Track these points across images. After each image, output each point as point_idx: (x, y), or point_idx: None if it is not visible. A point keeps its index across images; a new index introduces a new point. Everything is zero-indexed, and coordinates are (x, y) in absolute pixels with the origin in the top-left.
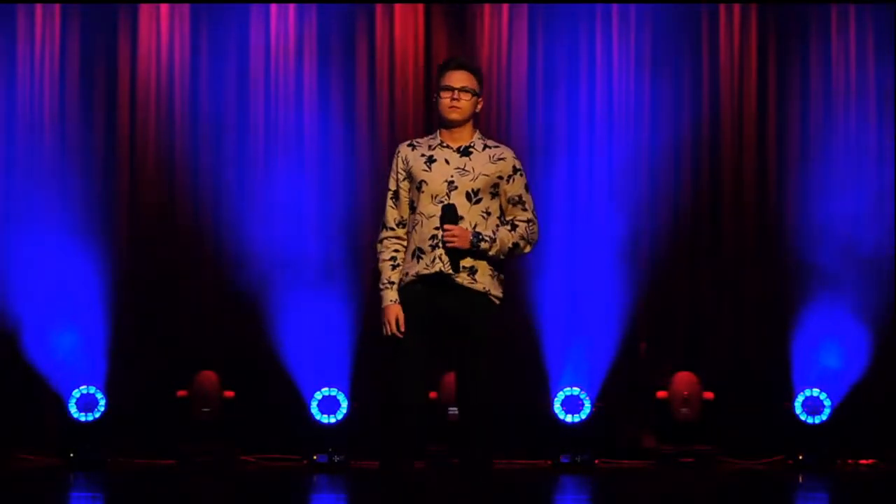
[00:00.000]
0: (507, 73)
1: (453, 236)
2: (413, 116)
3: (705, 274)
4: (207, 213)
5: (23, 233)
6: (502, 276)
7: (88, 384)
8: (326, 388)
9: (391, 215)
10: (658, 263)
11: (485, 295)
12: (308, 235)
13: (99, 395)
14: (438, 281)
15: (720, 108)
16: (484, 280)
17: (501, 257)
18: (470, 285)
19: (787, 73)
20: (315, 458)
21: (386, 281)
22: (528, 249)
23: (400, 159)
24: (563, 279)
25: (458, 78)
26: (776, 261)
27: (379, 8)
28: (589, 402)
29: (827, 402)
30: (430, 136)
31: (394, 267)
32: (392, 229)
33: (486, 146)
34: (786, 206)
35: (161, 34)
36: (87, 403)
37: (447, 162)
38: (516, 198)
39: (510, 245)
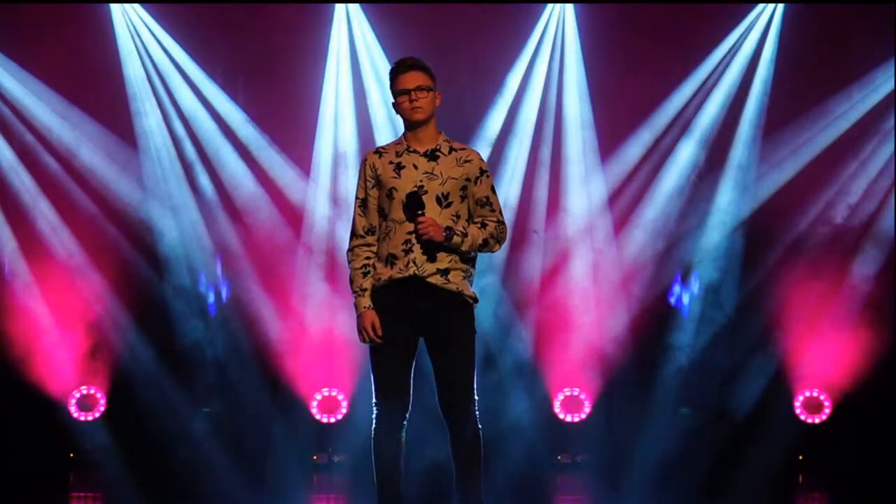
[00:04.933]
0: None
1: (427, 227)
2: None
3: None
4: (208, 213)
5: (24, 232)
6: (473, 277)
7: (88, 384)
8: (326, 389)
9: (360, 223)
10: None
11: (458, 295)
12: (309, 235)
13: (99, 395)
14: (412, 284)
15: (721, 107)
16: (456, 280)
17: (472, 254)
18: (443, 286)
19: (787, 73)
20: (315, 458)
21: (358, 289)
22: (496, 248)
23: (368, 167)
24: (563, 279)
25: (411, 79)
26: (776, 260)
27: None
28: (589, 402)
29: (827, 402)
30: (396, 142)
31: (365, 274)
32: (362, 237)
33: (452, 149)
34: (786, 204)
35: (155, 34)
36: (87, 403)
37: (415, 167)
38: (483, 199)
39: (480, 241)
